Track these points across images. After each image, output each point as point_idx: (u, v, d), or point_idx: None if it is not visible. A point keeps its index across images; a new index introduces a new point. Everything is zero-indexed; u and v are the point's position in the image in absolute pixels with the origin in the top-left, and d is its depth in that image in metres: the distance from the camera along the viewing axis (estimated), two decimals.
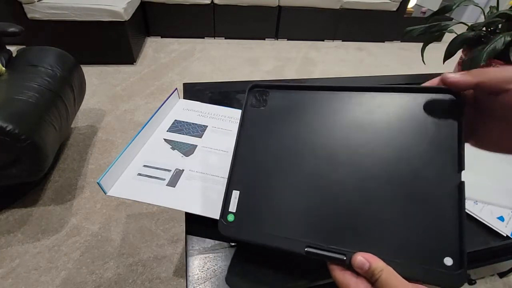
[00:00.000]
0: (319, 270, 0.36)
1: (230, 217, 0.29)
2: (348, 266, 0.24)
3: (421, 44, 0.68)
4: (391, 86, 0.28)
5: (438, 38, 0.64)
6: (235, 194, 0.30)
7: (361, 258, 0.23)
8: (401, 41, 3.05)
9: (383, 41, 3.02)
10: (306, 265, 0.37)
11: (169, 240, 1.05)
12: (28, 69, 1.13)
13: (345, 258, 0.24)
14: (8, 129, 0.86)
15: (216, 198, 0.41)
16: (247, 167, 0.31)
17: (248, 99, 0.33)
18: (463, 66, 0.57)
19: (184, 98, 0.62)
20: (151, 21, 2.47)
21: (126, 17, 1.89)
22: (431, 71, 0.87)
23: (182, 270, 0.97)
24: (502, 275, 1.01)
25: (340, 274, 0.24)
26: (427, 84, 0.27)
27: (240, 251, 0.37)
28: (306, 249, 0.26)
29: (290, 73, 2.24)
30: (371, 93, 0.29)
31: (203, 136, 0.51)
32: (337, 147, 0.28)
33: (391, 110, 0.28)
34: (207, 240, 0.38)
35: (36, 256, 0.97)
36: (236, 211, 0.29)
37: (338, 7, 2.67)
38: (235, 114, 0.58)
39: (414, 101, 0.27)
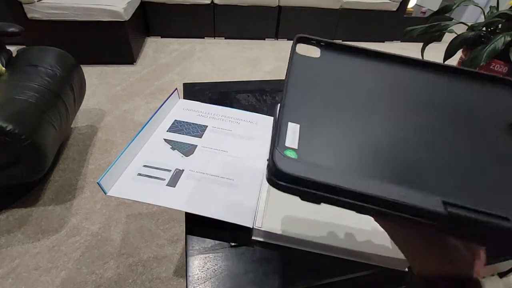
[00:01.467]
0: (319, 271, 0.36)
1: (291, 154, 0.19)
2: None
3: (421, 44, 0.68)
4: (458, 68, 0.28)
5: (438, 38, 0.65)
6: (293, 128, 0.21)
7: None
8: (401, 41, 3.05)
9: (383, 41, 3.02)
10: (305, 265, 0.37)
11: (169, 240, 1.05)
12: (28, 69, 1.13)
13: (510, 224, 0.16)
14: (8, 129, 0.86)
15: (216, 198, 0.41)
16: (305, 102, 0.23)
17: (295, 48, 0.28)
18: (463, 66, 0.57)
19: (184, 98, 0.62)
20: (151, 21, 2.47)
21: (126, 17, 1.89)
22: None
23: (182, 270, 0.97)
24: (502, 275, 1.01)
25: None
26: None
27: (241, 251, 0.37)
28: (449, 209, 0.16)
29: None
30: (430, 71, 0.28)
31: (203, 136, 0.51)
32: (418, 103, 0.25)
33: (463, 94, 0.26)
34: (207, 240, 0.38)
35: (36, 256, 0.97)
36: (299, 147, 0.19)
37: (338, 7, 2.67)
38: (235, 114, 0.58)
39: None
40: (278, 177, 0.17)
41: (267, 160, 0.18)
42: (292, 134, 0.20)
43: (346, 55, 0.29)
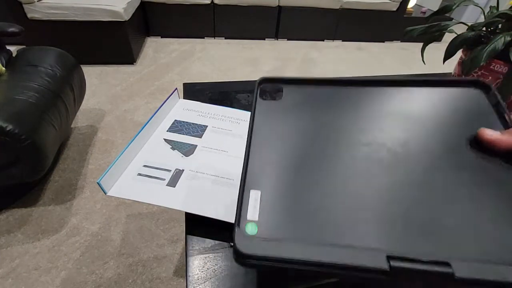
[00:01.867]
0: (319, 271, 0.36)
1: (251, 229, 0.20)
2: (456, 282, 0.16)
3: (421, 44, 0.68)
4: (421, 79, 0.27)
5: (438, 38, 0.64)
6: (255, 196, 0.21)
7: None
8: (401, 41, 3.05)
9: (383, 41, 3.02)
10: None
11: (169, 240, 1.05)
12: (28, 69, 1.13)
13: (451, 270, 0.16)
14: (8, 129, 0.86)
15: (216, 198, 0.41)
16: (267, 164, 0.23)
17: (258, 93, 0.29)
18: (463, 66, 0.57)
19: (184, 98, 0.62)
20: (151, 21, 2.47)
21: (126, 17, 1.89)
22: (431, 71, 0.87)
23: (182, 270, 0.97)
24: None
25: None
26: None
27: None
28: (391, 263, 0.17)
29: (290, 73, 2.24)
30: (394, 87, 0.28)
31: (203, 136, 0.51)
32: (377, 142, 0.24)
33: (426, 104, 0.26)
34: (207, 240, 0.38)
35: (36, 256, 0.97)
36: (259, 219, 0.20)
37: (338, 7, 2.67)
38: (235, 114, 0.58)
39: (449, 95, 0.26)
40: (240, 256, 0.18)
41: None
42: (254, 203, 0.21)
43: (309, 88, 0.29)
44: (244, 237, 0.19)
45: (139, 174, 0.42)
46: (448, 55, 0.60)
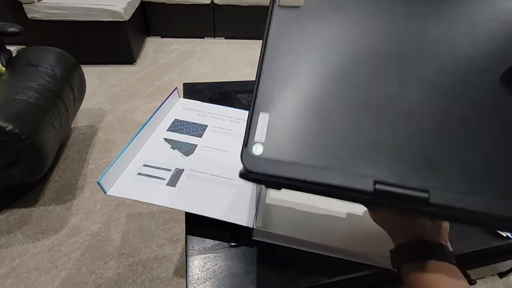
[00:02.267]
0: (319, 271, 0.36)
1: (258, 149, 0.20)
2: (430, 206, 0.18)
3: None
4: None
5: None
6: (264, 118, 0.21)
7: None
8: None
9: None
10: (305, 265, 0.37)
11: (169, 240, 1.05)
12: (28, 69, 1.13)
13: (427, 195, 0.18)
14: (8, 129, 0.86)
15: (216, 198, 0.41)
16: (278, 85, 0.22)
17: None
18: None
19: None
20: (151, 21, 2.47)
21: (126, 17, 1.89)
22: None
23: (182, 270, 0.97)
24: (502, 275, 1.01)
25: None
26: None
27: (241, 251, 0.37)
28: (376, 186, 0.19)
29: None
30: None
31: (203, 135, 0.51)
32: (402, 60, 0.22)
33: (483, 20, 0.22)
34: (207, 240, 0.38)
35: (36, 256, 0.97)
36: (265, 140, 0.21)
37: None
38: (235, 113, 0.58)
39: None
40: (245, 171, 0.21)
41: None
42: (262, 125, 0.21)
43: None
44: (250, 156, 0.21)
45: (139, 174, 0.42)
46: None
